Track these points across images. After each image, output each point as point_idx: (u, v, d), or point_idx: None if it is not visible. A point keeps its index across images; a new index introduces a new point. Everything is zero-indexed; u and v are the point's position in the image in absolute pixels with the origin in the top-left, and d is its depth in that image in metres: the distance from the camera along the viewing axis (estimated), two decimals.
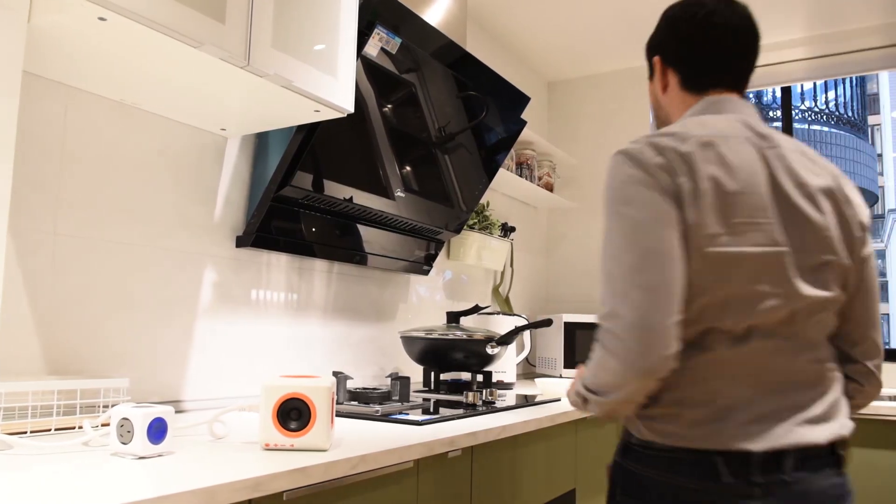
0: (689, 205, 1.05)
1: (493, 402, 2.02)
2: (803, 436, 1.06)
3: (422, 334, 2.27)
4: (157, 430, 1.15)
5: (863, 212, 1.19)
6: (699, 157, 1.07)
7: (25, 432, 1.28)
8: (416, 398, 2.07)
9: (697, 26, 1.22)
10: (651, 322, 1.01)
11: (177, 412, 1.67)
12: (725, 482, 1.04)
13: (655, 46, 1.30)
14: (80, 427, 1.34)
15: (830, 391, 1.12)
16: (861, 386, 1.23)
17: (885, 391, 2.89)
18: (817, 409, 1.09)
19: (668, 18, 1.28)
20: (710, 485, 1.05)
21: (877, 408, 2.39)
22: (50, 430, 1.32)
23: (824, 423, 1.09)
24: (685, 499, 1.06)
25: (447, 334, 2.24)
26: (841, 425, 1.11)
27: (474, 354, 2.25)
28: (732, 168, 1.08)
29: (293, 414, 1.24)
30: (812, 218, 1.11)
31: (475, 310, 2.45)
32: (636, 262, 1.04)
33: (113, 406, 1.24)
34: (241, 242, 1.92)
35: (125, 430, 1.14)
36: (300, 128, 1.78)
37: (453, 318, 2.38)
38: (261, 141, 1.96)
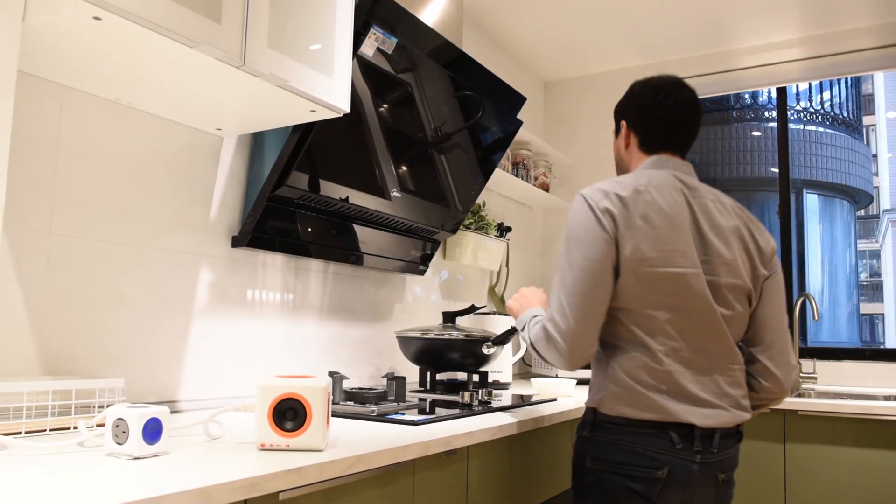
0: (626, 237, 1.42)
1: (489, 402, 2.02)
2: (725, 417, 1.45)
3: (418, 334, 2.27)
4: (153, 431, 1.15)
5: (764, 247, 1.57)
6: (634, 199, 1.45)
7: (20, 433, 1.27)
8: (412, 398, 2.07)
9: (658, 105, 1.58)
10: (579, 333, 1.43)
11: (172, 412, 1.67)
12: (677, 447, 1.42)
13: (623, 112, 1.66)
14: (76, 427, 1.33)
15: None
16: (761, 382, 1.55)
17: (880, 391, 2.91)
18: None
19: (635, 94, 1.63)
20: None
21: (872, 408, 2.39)
22: (45, 430, 1.31)
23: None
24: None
25: (443, 334, 2.24)
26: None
27: (470, 354, 2.25)
28: (661, 209, 1.45)
29: (289, 414, 1.24)
30: (721, 251, 1.49)
31: (471, 310, 2.45)
32: (576, 288, 1.44)
33: (108, 406, 1.24)
34: (236, 242, 1.91)
35: (120, 431, 1.14)
36: (296, 128, 1.77)
37: (449, 317, 2.38)
38: (257, 141, 1.96)
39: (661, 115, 1.58)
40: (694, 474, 1.42)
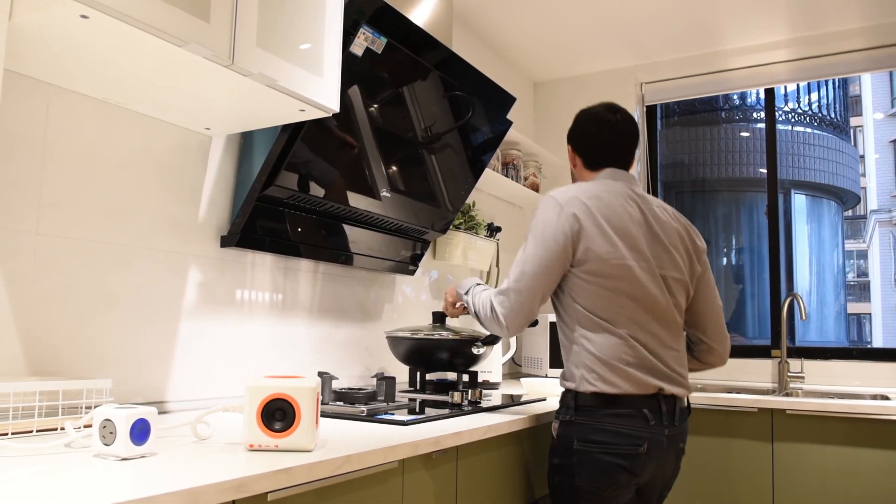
0: (587, 238, 1.65)
1: (479, 402, 2.03)
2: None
3: (407, 334, 2.26)
4: (140, 431, 1.14)
5: (700, 247, 1.86)
6: (596, 205, 1.68)
7: (7, 434, 1.27)
8: (401, 398, 2.07)
9: (595, 130, 1.86)
10: (524, 308, 1.67)
11: (160, 413, 1.66)
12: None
13: (570, 138, 1.92)
14: (62, 428, 1.32)
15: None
16: (707, 357, 1.91)
17: (867, 390, 2.93)
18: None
19: (578, 122, 1.91)
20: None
21: (859, 407, 2.41)
22: (32, 431, 1.31)
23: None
24: None
25: (433, 334, 2.24)
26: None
27: (460, 354, 2.25)
28: (617, 212, 1.69)
29: (277, 414, 1.24)
30: (669, 249, 1.74)
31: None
32: (530, 271, 1.66)
33: (95, 407, 1.23)
34: (225, 242, 1.91)
35: (108, 432, 1.13)
36: (285, 127, 1.77)
37: (439, 318, 2.38)
38: (246, 140, 1.95)
39: (598, 138, 1.85)
40: (664, 446, 1.66)
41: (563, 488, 1.68)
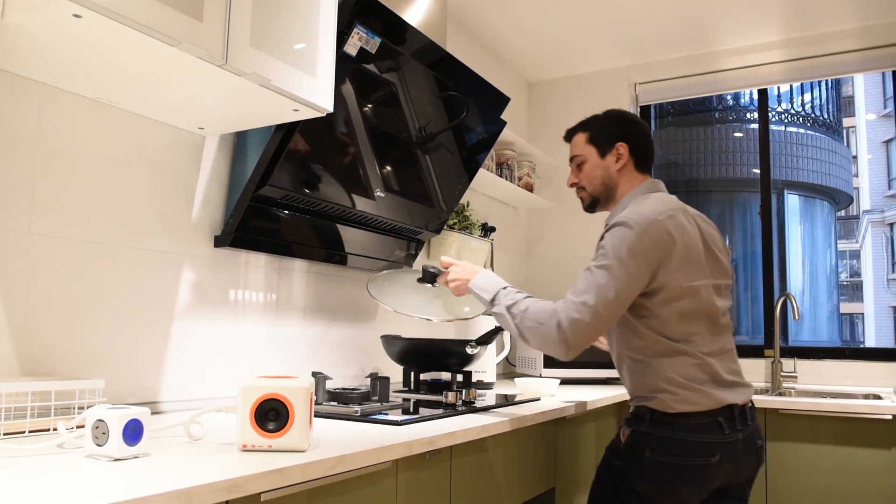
0: (667, 262, 1.64)
1: (473, 402, 2.02)
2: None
3: (402, 334, 2.26)
4: (133, 432, 1.14)
5: (728, 249, 1.87)
6: (672, 226, 1.66)
7: None
8: (395, 398, 2.06)
9: (646, 134, 1.91)
10: (596, 335, 1.63)
11: (154, 413, 1.66)
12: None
13: (620, 136, 1.87)
14: (55, 429, 1.32)
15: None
16: None
17: (859, 389, 2.94)
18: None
19: (628, 121, 1.91)
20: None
21: (851, 406, 2.42)
22: (24, 432, 1.30)
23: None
24: None
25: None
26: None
27: (454, 354, 2.25)
28: (688, 234, 1.69)
29: (271, 415, 1.24)
30: (721, 259, 1.78)
31: None
32: (614, 297, 1.60)
33: (88, 407, 1.22)
34: (219, 242, 1.90)
35: (100, 432, 1.13)
36: (279, 127, 1.77)
37: (429, 277, 2.24)
38: (240, 140, 1.95)
39: (648, 142, 1.90)
40: (739, 449, 1.67)
41: (619, 490, 1.69)
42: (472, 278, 1.82)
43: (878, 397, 2.71)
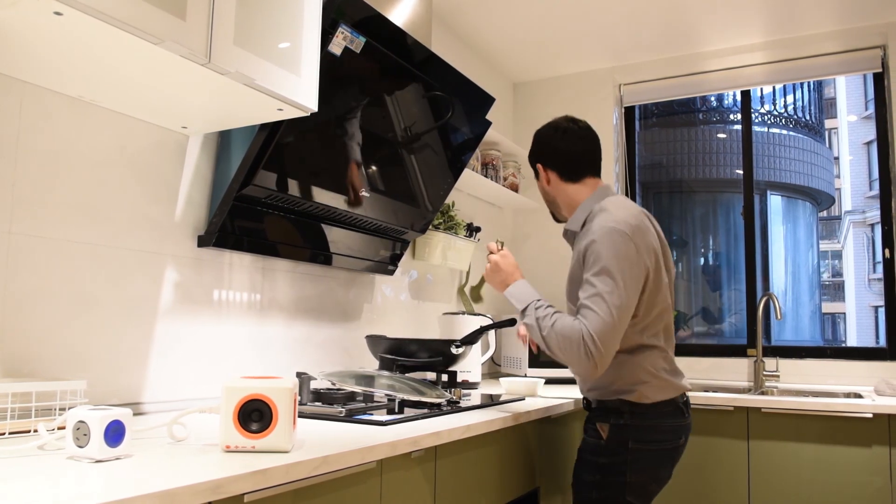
0: (656, 262, 1.77)
1: (458, 402, 2.03)
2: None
3: (387, 334, 2.26)
4: (115, 433, 1.13)
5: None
6: (643, 233, 1.75)
7: None
8: (380, 398, 2.06)
9: (558, 140, 1.91)
10: (616, 348, 1.69)
11: (136, 414, 1.64)
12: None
13: (536, 157, 1.96)
14: (36, 430, 1.31)
15: None
16: None
17: (841, 388, 2.97)
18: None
19: (540, 138, 1.96)
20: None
21: (833, 405, 2.45)
22: (4, 433, 1.29)
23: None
24: None
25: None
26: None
27: (439, 354, 2.25)
28: (652, 233, 1.81)
29: (254, 415, 1.23)
30: (669, 257, 1.90)
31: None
32: (626, 306, 1.68)
33: (69, 409, 1.21)
34: (202, 242, 1.89)
35: (81, 434, 1.12)
36: (263, 126, 1.76)
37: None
38: (223, 139, 1.94)
39: (564, 147, 1.90)
40: (689, 434, 1.89)
41: (609, 485, 1.78)
42: (509, 286, 1.88)
43: (859, 396, 2.74)
